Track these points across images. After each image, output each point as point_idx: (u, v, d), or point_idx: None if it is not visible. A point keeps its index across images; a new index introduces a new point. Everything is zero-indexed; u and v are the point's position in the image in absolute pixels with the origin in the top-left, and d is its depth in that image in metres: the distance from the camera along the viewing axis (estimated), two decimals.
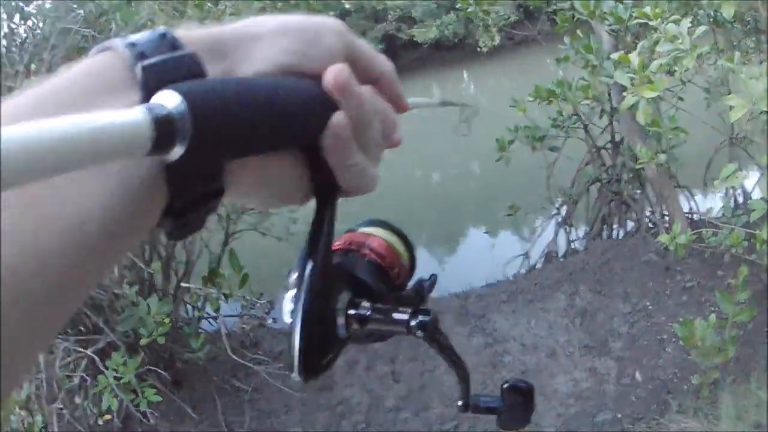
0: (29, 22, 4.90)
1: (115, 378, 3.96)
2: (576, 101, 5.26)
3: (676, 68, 3.77)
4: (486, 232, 8.14)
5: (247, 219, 6.26)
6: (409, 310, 0.59)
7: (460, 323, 5.36)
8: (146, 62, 0.45)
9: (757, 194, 6.22)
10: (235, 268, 4.11)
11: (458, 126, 1.34)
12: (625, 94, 3.89)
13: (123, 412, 4.43)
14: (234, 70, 0.51)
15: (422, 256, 9.36)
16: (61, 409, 4.42)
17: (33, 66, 4.57)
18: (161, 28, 0.48)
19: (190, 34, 0.50)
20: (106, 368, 4.04)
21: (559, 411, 4.49)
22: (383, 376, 5.06)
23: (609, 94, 5.63)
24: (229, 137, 0.46)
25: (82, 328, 4.70)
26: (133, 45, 0.46)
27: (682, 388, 4.41)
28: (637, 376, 4.59)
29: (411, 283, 0.68)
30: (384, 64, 0.61)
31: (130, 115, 0.37)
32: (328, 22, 0.57)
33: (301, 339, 0.53)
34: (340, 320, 0.58)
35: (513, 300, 5.48)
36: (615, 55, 4.07)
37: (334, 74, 0.53)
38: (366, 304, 0.59)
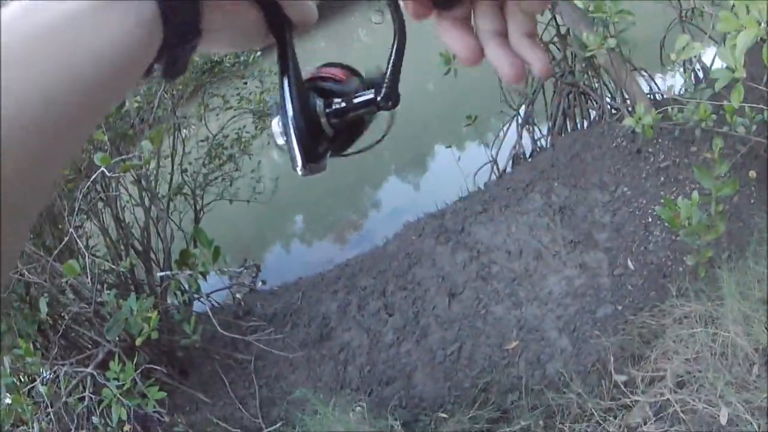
0: None
1: (118, 387, 3.93)
2: None
3: None
4: (448, 147, 8.07)
5: (211, 190, 6.23)
6: (372, 90, 0.73)
7: (441, 242, 5.32)
8: None
9: (718, 64, 6.20)
10: (204, 243, 4.06)
11: (372, 14, 1.33)
12: None
13: (138, 416, 4.41)
14: None
15: (392, 183, 9.36)
16: None
17: None
18: None
19: None
20: (108, 380, 4.00)
21: (558, 312, 4.49)
22: (377, 312, 5.06)
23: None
24: None
25: (80, 347, 4.68)
26: None
27: (677, 270, 4.41)
28: (630, 264, 4.58)
29: None
30: None
31: None
32: None
33: (297, 134, 0.68)
34: (323, 119, 0.71)
35: (489, 209, 5.43)
36: None
37: None
38: (338, 100, 0.72)
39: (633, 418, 3.75)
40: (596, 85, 6.23)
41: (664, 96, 5.63)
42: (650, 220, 4.76)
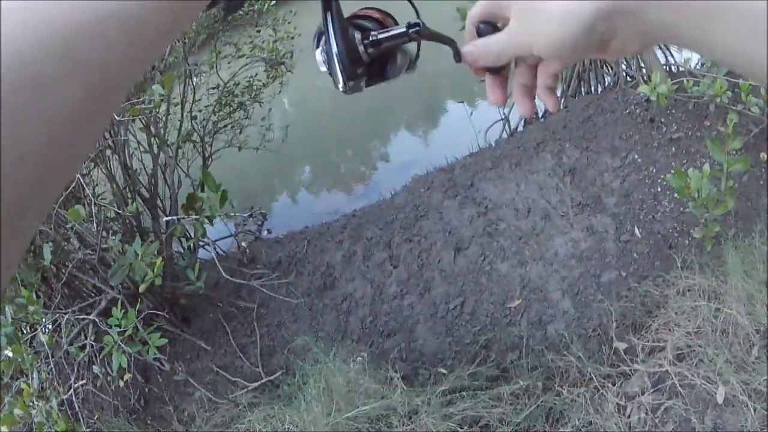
0: None
1: (119, 333, 3.93)
2: None
3: None
4: (461, 102, 8.05)
5: (221, 137, 6.21)
6: (404, 25, 0.83)
7: (449, 196, 5.30)
8: None
9: None
10: (212, 188, 4.05)
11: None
12: None
13: (138, 365, 4.43)
14: None
15: (402, 136, 9.32)
16: (83, 384, 4.42)
17: None
18: None
19: None
20: (109, 326, 4.01)
21: (563, 274, 4.48)
22: (381, 264, 5.06)
23: None
24: None
25: (84, 295, 4.67)
26: None
27: (683, 243, 4.39)
28: (636, 232, 4.56)
29: None
30: None
31: None
32: None
33: (338, 57, 0.78)
34: (360, 47, 0.81)
35: (499, 166, 5.40)
36: None
37: None
38: (374, 32, 0.82)
39: (631, 387, 3.75)
40: None
41: (680, 68, 5.58)
42: (659, 189, 4.74)
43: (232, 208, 4.38)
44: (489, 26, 0.83)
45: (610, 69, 6.26)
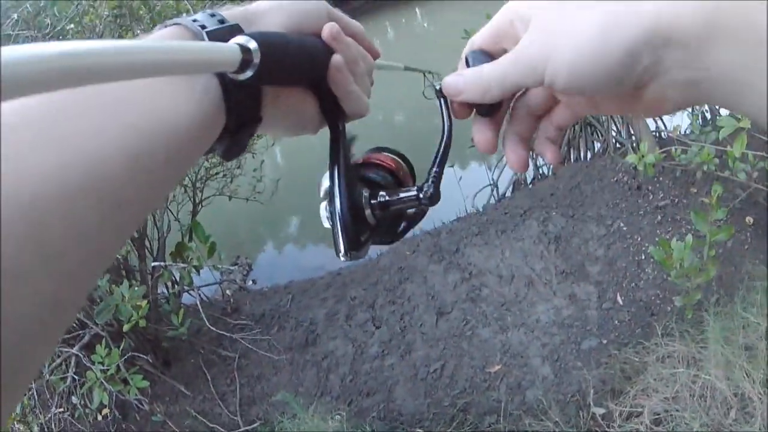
0: None
1: (102, 371, 3.95)
2: None
3: None
4: (451, 166, 8.11)
5: (212, 185, 6.23)
6: (415, 188, 0.79)
7: (434, 260, 5.34)
8: (209, 29, 0.63)
9: (724, 111, 6.22)
10: (201, 238, 4.08)
11: (424, 90, 1.45)
12: None
13: (118, 403, 4.43)
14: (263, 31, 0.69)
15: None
16: (61, 412, 4.41)
17: None
18: (210, 10, 0.67)
19: (228, 12, 0.69)
20: (93, 363, 4.02)
21: (544, 340, 4.51)
22: (364, 323, 5.07)
23: None
24: (278, 67, 0.64)
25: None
26: (195, 20, 0.65)
27: (665, 310, 4.42)
28: (619, 299, 4.60)
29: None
30: (356, 25, 0.83)
31: (227, 45, 0.57)
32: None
33: (342, 224, 0.73)
34: (367, 210, 0.77)
35: (485, 232, 5.46)
36: None
37: (330, 28, 0.74)
38: (383, 192, 0.78)
39: None
40: (603, 117, 6.26)
41: (669, 134, 5.65)
42: (643, 257, 4.79)
43: (220, 260, 4.41)
44: (482, 54, 0.72)
45: (600, 135, 6.33)
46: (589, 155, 6.40)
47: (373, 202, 0.78)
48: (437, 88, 0.77)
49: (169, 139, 0.56)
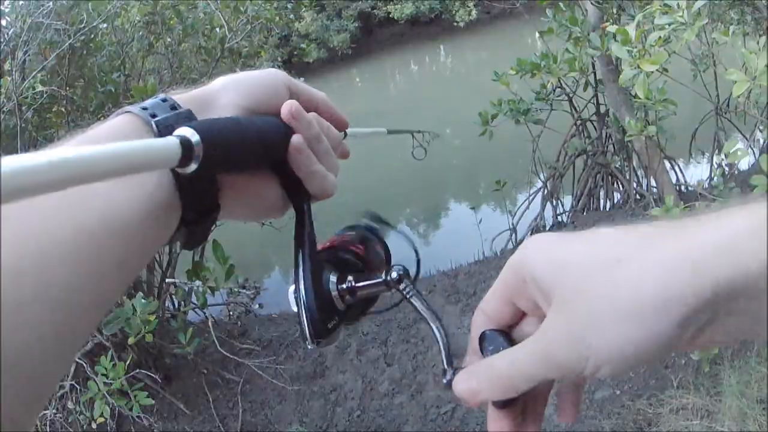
0: (2, 21, 4.79)
1: (105, 384, 3.87)
2: (561, 74, 5.18)
3: (674, 41, 3.68)
4: (472, 208, 8.08)
5: None
6: (383, 271, 0.73)
7: (451, 302, 5.29)
8: (158, 119, 0.62)
9: (743, 165, 6.19)
10: (219, 259, 4.01)
11: (414, 150, 1.65)
12: (624, 67, 3.79)
13: (116, 413, 4.35)
14: (214, 117, 0.67)
15: (405, 233, 9.33)
16: (55, 413, 4.33)
17: (6, 66, 4.47)
18: (162, 95, 0.66)
19: (181, 96, 0.68)
20: (95, 373, 3.95)
21: (557, 389, 4.44)
22: (375, 360, 5.00)
23: (593, 66, 5.57)
24: (225, 156, 0.62)
25: None
26: (144, 108, 0.63)
27: (680, 363, 4.37)
28: None
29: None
30: (319, 95, 0.81)
31: (166, 140, 0.53)
32: (272, 71, 0.77)
33: (307, 312, 0.68)
34: (335, 294, 0.72)
35: None
36: (612, 28, 3.98)
37: (288, 107, 0.71)
38: (350, 277, 0.73)
39: None
40: (626, 168, 6.22)
41: (690, 188, 5.63)
42: None
43: (237, 283, 4.36)
44: (498, 336, 0.61)
45: (621, 186, 6.30)
46: (608, 205, 6.35)
47: (341, 287, 0.73)
48: (447, 382, 0.63)
49: (120, 239, 0.56)
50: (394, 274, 0.71)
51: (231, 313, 6.01)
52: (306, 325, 0.69)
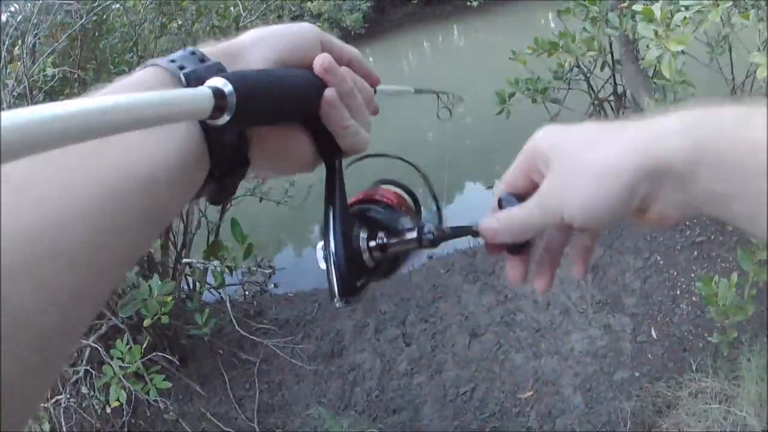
0: (12, 7, 4.76)
1: (121, 367, 3.84)
2: (579, 53, 5.13)
3: (700, 22, 3.65)
4: (489, 188, 8.04)
5: (244, 184, 6.16)
6: (415, 230, 0.74)
7: (469, 281, 5.27)
8: (186, 70, 0.61)
9: None
10: (238, 238, 3.98)
11: (438, 111, 1.56)
12: (649, 46, 3.76)
13: (133, 397, 4.33)
14: (244, 69, 0.66)
15: (424, 212, 9.29)
16: (69, 398, 4.31)
17: (16, 50, 4.44)
18: (190, 48, 0.65)
19: (210, 49, 0.67)
20: (111, 357, 3.92)
21: (577, 369, 4.42)
22: (394, 339, 4.99)
23: (610, 46, 5.53)
24: (257, 109, 0.61)
25: None
26: (172, 61, 0.62)
27: (698, 346, 4.35)
28: (653, 333, 4.52)
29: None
30: (352, 50, 0.80)
31: (199, 90, 0.52)
32: (304, 25, 0.75)
33: (336, 269, 0.68)
34: (365, 252, 0.73)
35: None
36: (638, 6, 3.94)
37: (321, 61, 0.71)
38: (381, 234, 0.74)
39: None
40: None
41: None
42: (678, 292, 4.71)
43: (256, 262, 4.34)
44: (512, 197, 0.76)
45: None
46: None
47: (371, 244, 0.74)
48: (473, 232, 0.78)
49: (145, 195, 0.54)
50: (426, 232, 0.74)
51: (246, 292, 6.00)
52: (335, 282, 0.69)
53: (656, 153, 0.62)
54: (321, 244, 0.70)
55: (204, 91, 0.52)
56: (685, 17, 3.56)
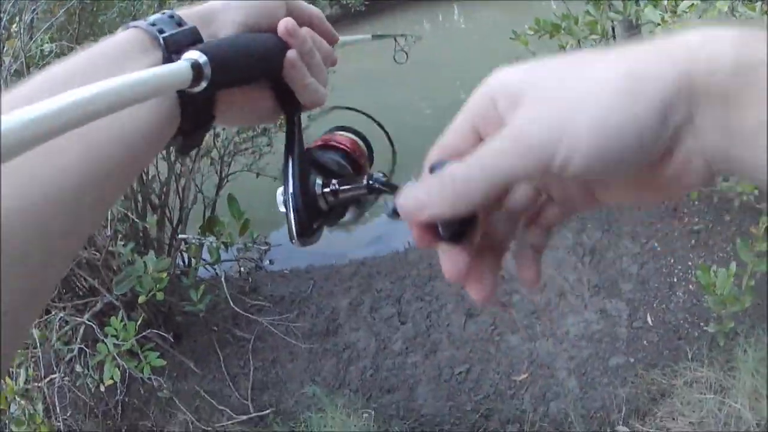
0: None
1: (115, 345, 3.82)
2: (581, 36, 5.09)
3: (707, 10, 3.64)
4: None
5: (240, 160, 6.14)
6: (366, 176, 0.78)
7: None
8: (166, 34, 0.68)
9: None
10: (234, 214, 3.96)
11: (395, 54, 1.74)
12: (653, 32, 3.75)
13: (127, 375, 4.31)
14: (216, 33, 0.74)
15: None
16: (63, 377, 4.29)
17: (14, 27, 4.39)
18: (169, 11, 0.71)
19: (186, 12, 0.73)
20: (105, 335, 3.90)
21: (572, 353, 4.42)
22: (389, 318, 4.97)
23: (613, 30, 5.50)
24: (229, 75, 0.68)
25: (79, 293, 4.55)
26: (153, 24, 0.69)
27: (693, 334, 4.35)
28: (649, 319, 4.51)
29: None
30: (313, 10, 0.86)
31: (178, 65, 0.59)
32: None
33: (294, 212, 0.75)
34: (320, 198, 0.78)
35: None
36: None
37: (284, 24, 0.77)
38: (335, 181, 0.79)
39: None
40: None
41: None
42: (675, 279, 4.70)
43: (253, 238, 4.31)
44: (450, 161, 0.54)
45: None
46: None
47: (325, 190, 0.79)
48: (390, 210, 0.59)
49: (124, 148, 0.62)
50: (375, 178, 0.78)
51: (241, 269, 5.98)
52: (293, 223, 0.76)
53: (704, 66, 0.45)
54: (281, 189, 0.77)
55: (183, 65, 0.59)
56: (692, 3, 3.54)
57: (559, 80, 0.50)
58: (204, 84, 0.62)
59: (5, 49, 4.27)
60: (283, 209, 0.77)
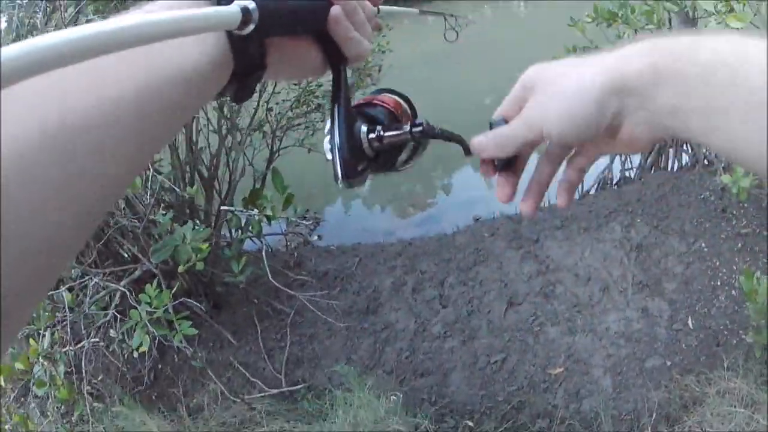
0: None
1: (148, 312, 3.84)
2: (638, 26, 5.03)
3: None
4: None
5: (291, 135, 6.13)
6: (408, 123, 0.86)
7: (513, 247, 5.21)
8: None
9: None
10: (278, 188, 3.96)
11: (445, 32, 1.80)
12: (707, 25, 3.70)
13: (158, 343, 4.34)
14: None
15: (469, 173, 9.19)
16: (97, 342, 4.33)
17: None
18: None
19: None
20: (139, 302, 3.93)
21: (610, 351, 4.37)
22: (431, 300, 4.95)
23: (669, 22, 5.42)
24: (275, 22, 0.71)
25: (119, 259, 4.58)
26: None
27: (731, 343, 4.27)
28: (690, 322, 4.44)
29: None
30: None
31: (231, 7, 0.63)
32: None
33: (340, 152, 0.80)
34: (365, 143, 0.84)
35: (567, 227, 5.29)
36: None
37: None
38: (379, 127, 0.85)
39: None
40: None
41: None
42: (719, 283, 4.61)
43: (295, 212, 4.31)
44: (502, 120, 0.87)
45: (690, 148, 6.15)
46: (676, 166, 6.21)
47: (370, 136, 0.84)
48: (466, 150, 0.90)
49: (180, 93, 0.64)
50: (416, 125, 0.86)
51: (289, 243, 5.99)
52: (339, 164, 0.80)
53: (620, 71, 0.72)
54: (327, 138, 0.82)
55: (233, 8, 0.63)
56: None
57: (555, 80, 0.79)
58: (252, 27, 0.66)
59: (53, 24, 4.30)
60: (329, 156, 0.81)
